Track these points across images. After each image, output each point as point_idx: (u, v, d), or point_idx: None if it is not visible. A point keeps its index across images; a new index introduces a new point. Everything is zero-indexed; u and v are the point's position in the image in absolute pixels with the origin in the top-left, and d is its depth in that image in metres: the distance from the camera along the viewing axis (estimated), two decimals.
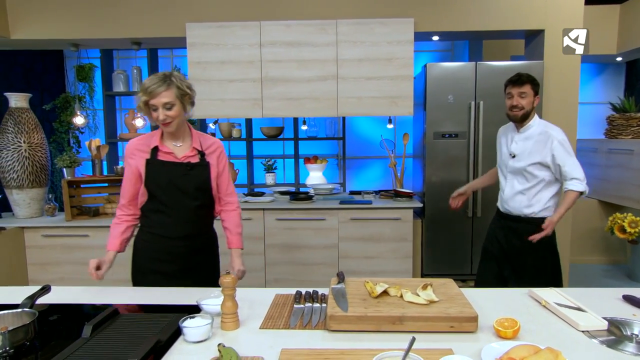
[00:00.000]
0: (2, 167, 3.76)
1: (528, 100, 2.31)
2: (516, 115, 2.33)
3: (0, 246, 3.52)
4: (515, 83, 2.33)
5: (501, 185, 2.50)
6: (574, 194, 2.27)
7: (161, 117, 1.72)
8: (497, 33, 3.68)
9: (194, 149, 1.86)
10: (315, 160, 4.45)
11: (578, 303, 1.46)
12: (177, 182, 1.81)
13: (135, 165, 1.82)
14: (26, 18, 3.74)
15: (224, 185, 1.97)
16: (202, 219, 1.92)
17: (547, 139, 2.30)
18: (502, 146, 2.50)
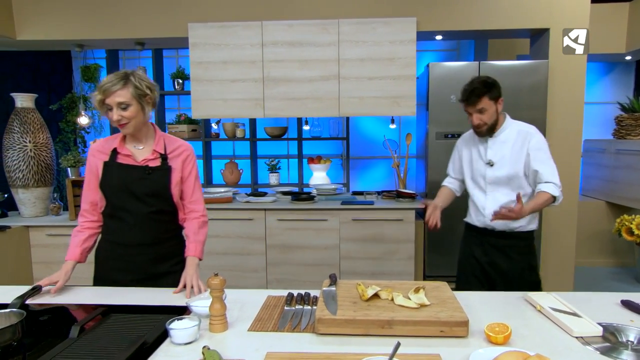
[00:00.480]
0: (8, 167, 3.81)
1: (489, 113, 2.03)
2: (482, 133, 2.09)
3: (5, 245, 3.56)
4: (468, 102, 2.04)
5: (477, 200, 2.17)
6: (546, 195, 1.97)
7: (115, 117, 1.64)
8: (501, 32, 3.63)
9: (155, 151, 1.77)
10: (319, 161, 4.43)
11: (574, 308, 1.43)
12: (132, 186, 1.72)
13: (95, 167, 1.75)
14: (31, 19, 3.78)
15: (188, 191, 1.84)
16: (160, 226, 1.80)
17: (525, 139, 2.06)
18: (474, 155, 2.19)
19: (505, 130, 2.11)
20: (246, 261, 3.60)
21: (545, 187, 1.99)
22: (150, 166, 1.75)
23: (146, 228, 1.76)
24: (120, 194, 1.73)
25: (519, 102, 3.36)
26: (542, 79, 3.35)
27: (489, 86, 2.04)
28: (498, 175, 2.09)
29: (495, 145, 2.11)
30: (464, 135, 2.31)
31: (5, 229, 3.61)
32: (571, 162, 3.52)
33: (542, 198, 1.98)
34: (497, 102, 2.06)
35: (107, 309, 1.39)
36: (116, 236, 1.78)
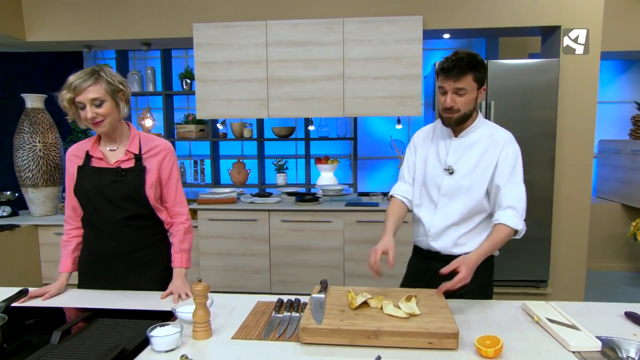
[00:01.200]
0: (18, 167, 3.87)
1: (468, 98, 1.58)
2: (449, 119, 1.62)
3: (15, 243, 3.62)
4: (449, 74, 1.56)
5: (423, 215, 1.75)
6: (506, 230, 1.57)
7: (90, 115, 1.55)
8: (510, 30, 3.53)
9: (128, 152, 1.68)
10: (326, 161, 4.39)
11: (573, 320, 1.37)
12: (104, 190, 1.63)
13: (72, 172, 1.68)
14: (40, 20, 3.83)
15: (171, 194, 1.76)
16: (138, 232, 1.71)
17: (496, 146, 1.64)
18: (431, 157, 1.74)
19: (476, 131, 1.67)
20: (250, 262, 3.58)
21: (504, 216, 1.59)
22: (122, 168, 1.66)
23: (122, 234, 1.68)
24: (93, 199, 1.65)
25: (530, 101, 3.27)
26: (553, 78, 3.24)
27: (478, 64, 1.58)
28: (457, 186, 1.67)
29: (459, 149, 1.68)
30: (422, 129, 1.86)
31: (15, 227, 3.66)
32: (583, 163, 3.40)
33: (500, 235, 1.58)
34: (480, 89, 1.62)
35: (91, 314, 1.37)
36: (93, 244, 1.71)
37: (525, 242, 3.27)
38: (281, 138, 4.40)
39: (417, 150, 1.81)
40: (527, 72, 3.26)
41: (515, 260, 3.38)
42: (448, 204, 1.69)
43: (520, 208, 1.61)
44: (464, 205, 1.67)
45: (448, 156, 1.70)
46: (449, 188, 1.68)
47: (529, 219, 3.23)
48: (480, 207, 1.68)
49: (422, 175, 1.76)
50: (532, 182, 3.31)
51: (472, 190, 1.66)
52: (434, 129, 1.79)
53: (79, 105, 1.57)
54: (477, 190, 1.66)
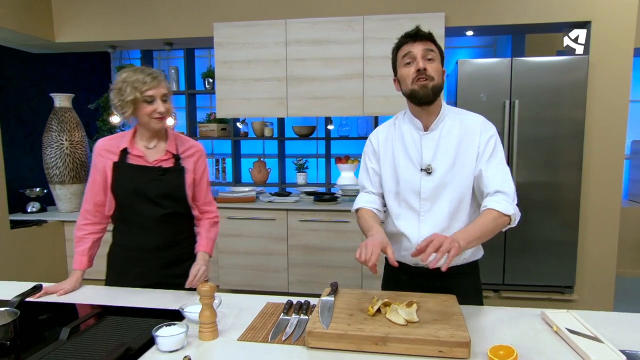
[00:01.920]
0: (46, 164, 3.99)
1: (438, 65, 1.44)
2: (425, 87, 1.42)
3: (42, 238, 3.73)
4: (417, 36, 1.44)
5: (404, 227, 1.54)
6: (494, 214, 1.40)
7: (162, 108, 1.60)
8: (537, 26, 3.41)
9: (168, 152, 1.71)
10: (347, 160, 4.36)
11: (595, 331, 1.29)
12: (145, 188, 1.66)
13: (103, 168, 1.68)
14: (69, 22, 3.93)
15: (201, 194, 1.80)
16: (174, 229, 1.75)
17: (474, 132, 1.49)
18: (400, 159, 1.53)
19: (445, 120, 1.51)
20: (268, 261, 3.59)
21: (492, 201, 1.42)
22: (163, 167, 1.69)
23: (160, 231, 1.71)
24: (132, 196, 1.66)
25: (557, 100, 3.15)
26: (582, 76, 3.11)
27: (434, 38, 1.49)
28: (439, 186, 1.48)
29: (432, 143, 1.49)
30: (378, 129, 1.64)
31: (43, 223, 3.78)
32: (614, 165, 3.25)
33: (488, 218, 1.39)
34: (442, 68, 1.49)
35: (101, 311, 1.38)
36: (129, 241, 1.72)
37: (550, 245, 3.19)
38: (302, 137, 4.39)
39: (379, 156, 1.60)
40: (554, 70, 3.14)
41: (539, 264, 3.26)
42: (432, 208, 1.51)
43: (508, 191, 1.44)
44: (451, 206, 1.50)
45: (423, 155, 1.51)
46: (431, 190, 1.50)
47: (555, 221, 3.14)
48: (467, 205, 1.53)
49: (394, 183, 1.56)
50: (558, 183, 3.19)
51: (456, 187, 1.49)
52: (394, 126, 1.59)
53: (148, 99, 1.59)
54: (462, 186, 1.50)
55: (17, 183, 4.09)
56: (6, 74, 4.01)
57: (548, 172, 3.20)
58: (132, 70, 1.61)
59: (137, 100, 1.59)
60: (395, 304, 1.35)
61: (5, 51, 3.98)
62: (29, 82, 4.26)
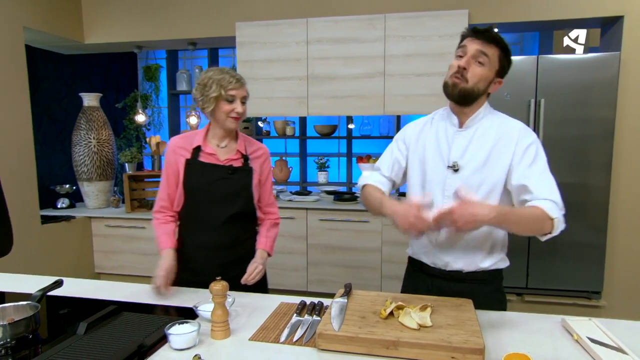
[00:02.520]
0: (75, 161, 4.12)
1: (485, 72, 1.40)
2: (455, 86, 1.41)
3: (70, 234, 3.85)
4: (480, 35, 1.39)
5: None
6: (539, 212, 1.32)
7: (240, 109, 1.66)
8: (565, 22, 3.29)
9: (238, 152, 1.75)
10: (368, 160, 4.32)
11: (619, 342, 1.24)
12: (215, 186, 1.69)
13: (176, 164, 1.72)
14: (97, 23, 4.04)
15: (266, 195, 1.84)
16: (239, 229, 1.78)
17: (510, 138, 1.43)
18: (430, 153, 1.51)
19: (482, 121, 1.47)
20: (287, 260, 3.60)
21: (541, 202, 1.34)
22: (233, 166, 1.73)
23: (226, 229, 1.73)
24: (202, 193, 1.70)
25: (586, 99, 3.04)
26: (612, 74, 2.98)
27: (506, 45, 1.43)
28: (466, 185, 1.43)
29: (464, 141, 1.47)
30: (415, 121, 1.63)
31: (71, 218, 3.90)
32: None
33: (532, 212, 1.33)
34: (499, 78, 1.45)
35: (117, 307, 1.42)
36: (196, 238, 1.75)
37: (577, 248, 3.09)
38: (323, 136, 4.38)
39: (409, 147, 1.58)
40: (583, 68, 3.03)
41: (565, 268, 3.16)
42: None
43: (557, 200, 1.36)
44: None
45: (451, 151, 1.47)
46: (455, 188, 1.44)
47: (583, 223, 3.04)
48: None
49: (421, 176, 1.53)
50: (587, 184, 3.08)
51: (482, 190, 1.44)
52: (432, 122, 1.57)
53: (229, 98, 1.65)
54: (489, 189, 1.44)
55: (48, 180, 4.24)
56: (40, 74, 4.16)
57: (575, 172, 3.09)
58: (219, 70, 1.67)
59: (219, 98, 1.64)
60: (409, 308, 1.33)
61: (39, 53, 4.13)
62: (61, 82, 4.41)
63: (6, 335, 1.21)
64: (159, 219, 1.78)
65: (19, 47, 3.37)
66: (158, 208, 1.78)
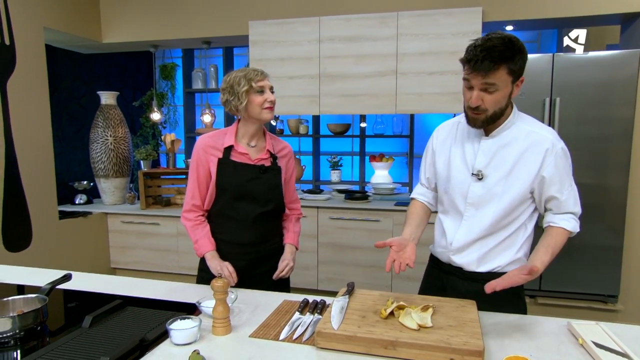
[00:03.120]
0: (92, 158, 4.21)
1: (500, 95, 1.33)
2: (475, 120, 1.40)
3: (87, 229, 3.94)
4: (477, 67, 1.30)
5: (446, 225, 1.55)
6: (565, 234, 1.42)
7: (272, 97, 1.69)
8: (584, 19, 3.21)
9: (267, 151, 1.77)
10: (381, 159, 4.31)
11: (625, 347, 1.21)
12: (248, 185, 1.72)
13: (207, 163, 1.73)
14: (115, 23, 4.11)
15: (290, 191, 1.87)
16: (269, 225, 1.81)
17: (538, 147, 1.40)
18: (455, 159, 1.51)
19: (511, 128, 1.43)
20: (298, 258, 3.56)
21: (562, 220, 1.42)
22: (265, 166, 1.75)
23: (257, 227, 1.76)
24: (235, 192, 1.72)
25: (604, 98, 2.96)
26: (632, 72, 2.90)
27: (514, 53, 1.31)
28: (488, 194, 1.43)
29: (491, 149, 1.44)
30: (443, 125, 1.62)
31: (88, 214, 3.99)
32: None
33: (560, 238, 1.41)
34: (516, 82, 1.36)
35: (122, 301, 1.44)
36: (227, 235, 1.77)
37: (593, 250, 3.02)
38: (336, 135, 4.38)
39: (436, 151, 1.60)
40: (600, 66, 2.95)
41: (580, 270, 3.09)
42: (476, 214, 1.47)
43: (578, 212, 1.46)
44: (495, 217, 1.45)
45: (477, 159, 1.46)
46: (478, 197, 1.46)
47: (600, 225, 2.96)
48: (512, 219, 1.46)
49: (445, 180, 1.54)
50: (603, 185, 3.01)
51: (505, 199, 1.43)
52: (458, 126, 1.55)
53: (259, 89, 1.67)
54: (511, 199, 1.43)
55: (67, 176, 4.35)
56: (60, 73, 4.26)
57: (592, 173, 3.02)
58: (240, 69, 1.70)
59: (250, 91, 1.66)
60: (411, 308, 1.33)
61: (59, 52, 4.23)
62: (80, 81, 4.51)
63: (15, 326, 1.24)
64: (190, 220, 1.77)
65: (40, 47, 3.46)
66: (189, 207, 1.77)
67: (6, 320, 1.23)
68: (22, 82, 3.30)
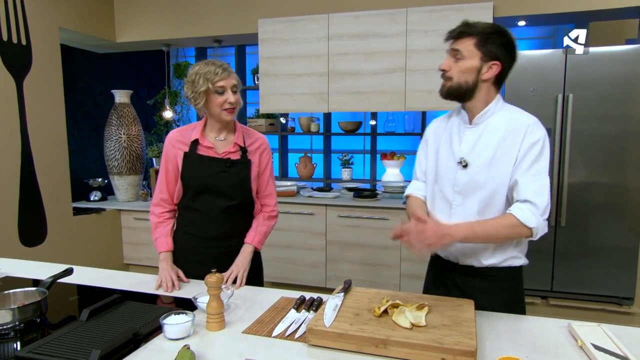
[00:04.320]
0: (107, 156, 4.29)
1: (465, 64, 1.40)
2: (442, 87, 1.46)
3: (100, 225, 4.02)
4: (450, 33, 1.45)
5: (439, 216, 1.55)
6: (512, 220, 1.36)
7: (233, 99, 1.64)
8: (601, 13, 3.12)
9: (235, 144, 1.75)
10: (392, 157, 4.27)
11: (626, 350, 1.17)
12: (213, 179, 1.71)
13: (174, 158, 1.73)
14: (128, 22, 4.18)
15: (262, 186, 1.83)
16: (237, 220, 1.80)
17: (518, 133, 1.41)
18: (443, 150, 1.55)
19: (492, 117, 1.46)
20: (306, 256, 3.61)
21: (518, 208, 1.37)
22: (231, 159, 1.73)
23: (224, 221, 1.75)
24: (200, 186, 1.71)
25: (622, 94, 2.87)
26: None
27: (489, 32, 1.40)
28: (472, 182, 1.45)
29: (474, 137, 1.47)
30: (435, 119, 1.66)
31: (102, 211, 4.07)
32: None
33: (503, 222, 1.37)
34: (487, 61, 1.40)
35: (121, 296, 1.46)
36: (193, 228, 1.77)
37: (608, 251, 2.94)
38: (347, 133, 4.36)
39: (428, 143, 1.62)
40: (615, 61, 2.86)
41: (594, 271, 3.01)
42: (464, 202, 1.48)
43: (539, 203, 1.36)
44: (482, 205, 1.46)
45: (461, 147, 1.49)
46: (463, 184, 1.47)
47: (615, 225, 2.88)
48: (501, 206, 1.45)
49: (434, 171, 1.57)
50: (620, 184, 2.93)
51: (489, 187, 1.44)
52: (449, 119, 1.58)
53: (219, 90, 1.63)
54: (496, 187, 1.43)
55: (83, 173, 4.44)
56: (76, 73, 4.35)
57: (608, 172, 2.93)
58: (204, 63, 1.66)
59: (209, 91, 1.63)
60: (405, 306, 1.31)
61: (75, 52, 4.32)
62: (95, 80, 4.59)
63: (15, 318, 1.27)
64: (155, 215, 1.79)
65: (55, 47, 3.54)
66: (157, 201, 1.79)
67: (6, 313, 1.26)
68: (38, 81, 3.38)
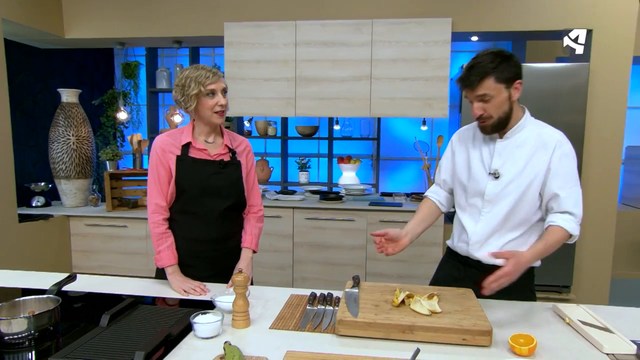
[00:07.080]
0: (52, 158, 4.01)
1: (497, 101, 1.48)
2: (485, 127, 1.56)
3: (47, 233, 3.75)
4: (465, 83, 1.51)
5: (465, 222, 1.67)
6: (562, 233, 1.48)
7: (223, 101, 1.68)
8: (540, 33, 3.51)
9: (225, 146, 1.78)
10: (349, 160, 4.43)
11: (606, 323, 1.38)
12: (209, 181, 1.72)
13: (167, 163, 1.71)
14: (78, 18, 3.95)
15: (248, 186, 1.87)
16: (233, 221, 1.83)
17: (547, 147, 1.53)
18: (474, 161, 1.64)
19: (523, 131, 1.57)
20: (273, 258, 3.64)
21: (561, 220, 1.49)
22: (224, 160, 1.76)
23: (220, 223, 1.77)
24: (197, 189, 1.71)
25: (557, 106, 3.25)
26: (582, 83, 3.21)
27: (497, 65, 1.46)
28: (503, 192, 1.57)
29: (506, 150, 1.58)
30: (462, 129, 1.76)
31: (49, 217, 3.79)
32: (610, 169, 3.37)
33: (555, 236, 1.48)
34: (511, 86, 1.49)
35: (134, 300, 1.44)
36: (189, 232, 1.76)
37: None
38: (305, 137, 4.45)
39: (455, 152, 1.73)
40: (554, 77, 3.23)
41: None
42: (492, 210, 1.60)
43: (578, 214, 1.52)
44: (510, 213, 1.58)
45: (493, 160, 1.59)
46: (494, 194, 1.58)
47: None
48: (527, 215, 1.58)
49: (465, 180, 1.67)
50: None
51: (518, 196, 1.56)
52: (475, 130, 1.67)
53: (210, 93, 1.65)
54: (525, 196, 1.56)
55: (21, 177, 4.10)
56: (13, 68, 4.01)
57: None
58: (194, 67, 1.67)
59: (200, 95, 1.65)
60: (418, 296, 1.43)
61: (12, 46, 3.99)
62: (35, 77, 4.27)
63: (30, 327, 1.21)
64: (157, 223, 1.73)
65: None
66: (154, 208, 1.74)
67: (22, 321, 1.20)
68: None
